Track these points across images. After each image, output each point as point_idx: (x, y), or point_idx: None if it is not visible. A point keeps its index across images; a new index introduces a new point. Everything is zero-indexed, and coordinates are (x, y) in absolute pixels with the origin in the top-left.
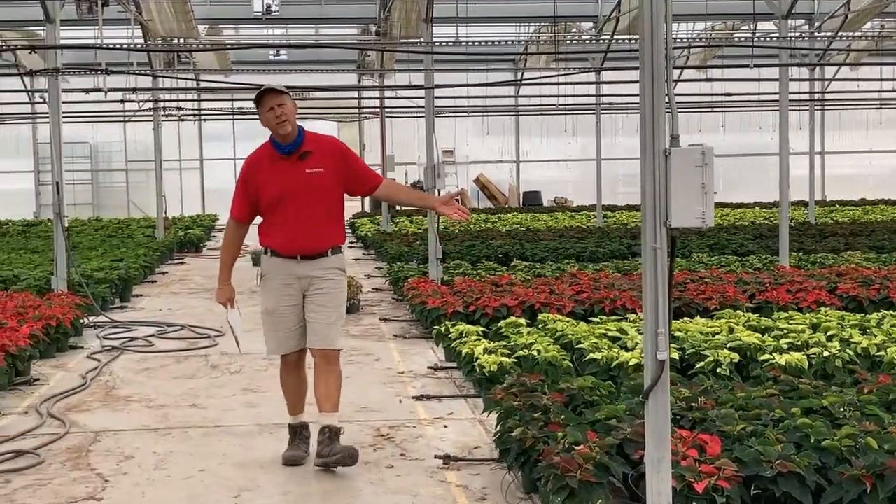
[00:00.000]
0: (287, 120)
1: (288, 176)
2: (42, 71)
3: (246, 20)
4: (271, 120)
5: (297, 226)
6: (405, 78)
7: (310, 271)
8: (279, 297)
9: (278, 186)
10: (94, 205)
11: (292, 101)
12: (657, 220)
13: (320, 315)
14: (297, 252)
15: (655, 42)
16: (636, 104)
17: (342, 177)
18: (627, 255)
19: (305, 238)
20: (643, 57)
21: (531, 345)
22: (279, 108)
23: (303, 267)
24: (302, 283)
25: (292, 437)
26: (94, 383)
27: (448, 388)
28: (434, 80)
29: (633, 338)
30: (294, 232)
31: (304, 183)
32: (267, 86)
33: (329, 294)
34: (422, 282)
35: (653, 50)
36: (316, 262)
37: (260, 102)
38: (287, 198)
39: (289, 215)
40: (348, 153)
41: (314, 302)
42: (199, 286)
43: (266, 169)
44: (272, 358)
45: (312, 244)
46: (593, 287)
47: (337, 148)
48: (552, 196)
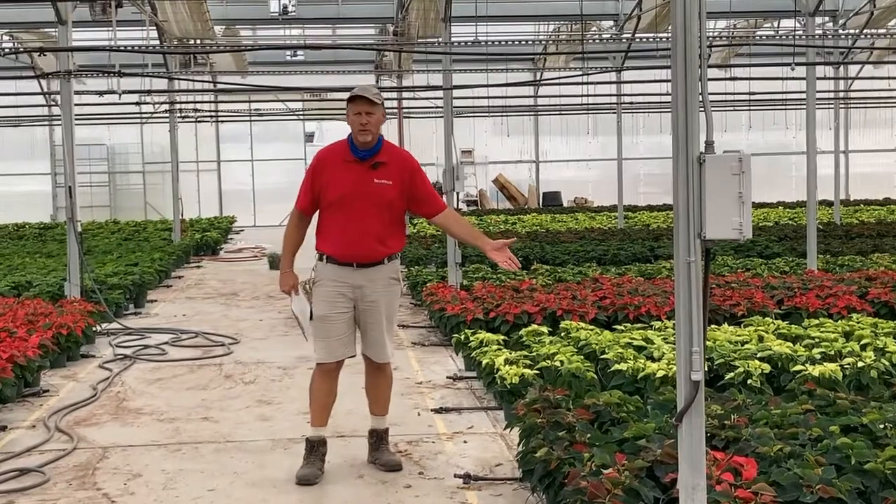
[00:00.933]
0: (370, 130)
1: (355, 181)
2: (54, 73)
3: (262, 21)
4: (355, 124)
5: (355, 233)
6: (423, 78)
7: (365, 280)
8: (332, 303)
9: (343, 189)
10: (111, 207)
11: (383, 111)
12: (691, 232)
13: (375, 328)
14: (353, 260)
15: (689, 40)
16: (657, 103)
17: (407, 194)
18: (650, 257)
19: (363, 246)
20: (675, 56)
21: (554, 355)
22: (366, 117)
23: (359, 275)
24: (356, 292)
25: (308, 452)
26: (105, 394)
27: (468, 399)
28: (452, 80)
29: (660, 347)
30: (352, 239)
31: (369, 192)
32: (362, 89)
33: (383, 306)
34: (441, 287)
35: (686, 48)
36: (372, 270)
37: (351, 102)
38: (349, 202)
39: (349, 221)
40: (418, 173)
41: (368, 312)
42: (215, 291)
43: (336, 167)
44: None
45: (370, 253)
46: (616, 293)
47: (409, 165)
48: (572, 196)
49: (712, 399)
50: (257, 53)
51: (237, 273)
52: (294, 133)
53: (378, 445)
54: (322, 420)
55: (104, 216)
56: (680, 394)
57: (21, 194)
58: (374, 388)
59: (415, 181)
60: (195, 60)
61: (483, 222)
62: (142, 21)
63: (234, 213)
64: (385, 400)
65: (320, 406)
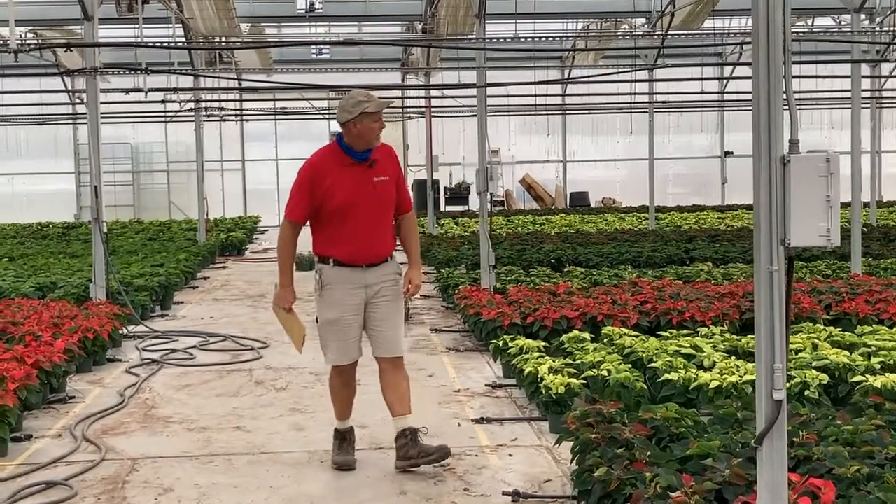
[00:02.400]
0: (377, 137)
1: (358, 183)
2: (80, 70)
3: (289, 18)
4: (374, 131)
5: (364, 234)
6: (450, 76)
7: (374, 279)
8: (344, 306)
9: (348, 193)
10: (134, 206)
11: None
12: (773, 238)
13: (387, 323)
14: (366, 260)
15: (772, 32)
16: (690, 102)
17: (397, 187)
18: (685, 259)
19: (374, 246)
20: (757, 50)
21: (600, 364)
22: (378, 124)
23: (369, 275)
24: (367, 292)
25: (340, 441)
26: (133, 401)
27: (509, 409)
28: (486, 77)
29: (710, 356)
30: (364, 240)
31: (373, 191)
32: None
33: (392, 301)
34: (474, 290)
35: (768, 41)
36: (380, 268)
37: (370, 114)
38: (356, 206)
39: (358, 223)
40: (400, 166)
41: (379, 310)
42: (242, 292)
43: (336, 173)
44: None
45: (378, 252)
46: (658, 297)
47: (394, 157)
48: (600, 196)
49: None
50: (283, 52)
51: (263, 274)
52: (319, 132)
53: (413, 444)
54: (346, 415)
55: (128, 216)
56: (759, 413)
57: (45, 193)
58: (395, 387)
59: (398, 173)
60: (221, 59)
61: (511, 223)
62: (168, 18)
63: (259, 213)
64: (407, 398)
65: (343, 404)
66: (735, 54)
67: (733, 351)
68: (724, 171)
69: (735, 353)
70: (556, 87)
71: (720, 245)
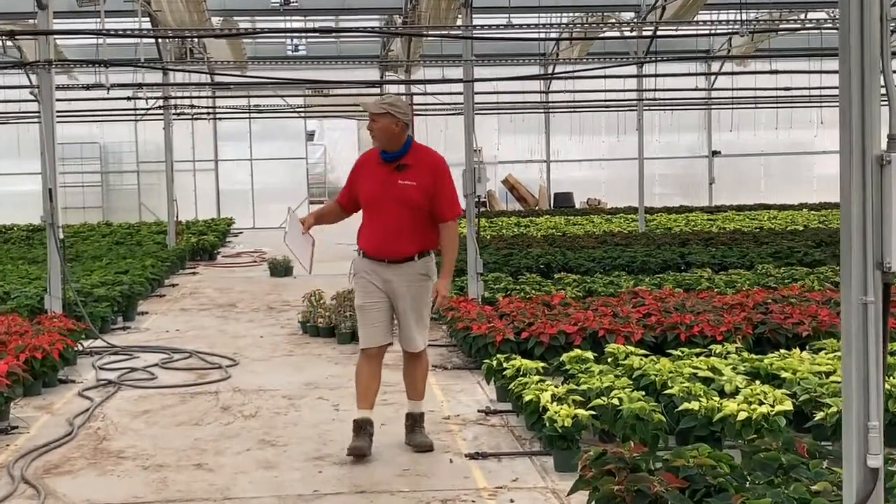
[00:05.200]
0: (377, 137)
1: (382, 182)
2: (33, 63)
3: (262, 11)
4: (369, 129)
5: (384, 231)
6: (431, 73)
7: (393, 275)
8: (367, 294)
9: (371, 189)
10: (103, 208)
11: (392, 118)
12: (868, 260)
13: (406, 320)
14: (383, 256)
15: (866, 16)
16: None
17: (430, 195)
18: (681, 265)
19: (391, 244)
20: (846, 37)
21: (609, 390)
22: (371, 124)
23: (389, 270)
24: (387, 286)
25: (356, 432)
26: (83, 431)
27: (506, 440)
28: (473, 72)
29: (731, 380)
30: (381, 237)
31: (393, 192)
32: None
33: (412, 300)
34: (461, 300)
35: (862, 26)
36: (402, 266)
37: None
38: (377, 203)
39: (378, 220)
40: (443, 177)
41: (400, 307)
42: (212, 301)
43: (368, 168)
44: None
45: (397, 250)
46: (662, 309)
47: (436, 167)
48: (584, 197)
49: (820, 454)
50: (257, 48)
51: (235, 281)
52: (295, 131)
53: (413, 428)
54: (367, 403)
55: (97, 217)
56: (848, 483)
57: (10, 194)
58: (410, 375)
59: (437, 184)
60: (192, 54)
61: (494, 225)
62: (134, 12)
63: (233, 215)
64: (420, 386)
65: (364, 388)
66: (724, 49)
67: (755, 373)
68: (711, 171)
69: (757, 376)
70: (538, 85)
71: (716, 249)
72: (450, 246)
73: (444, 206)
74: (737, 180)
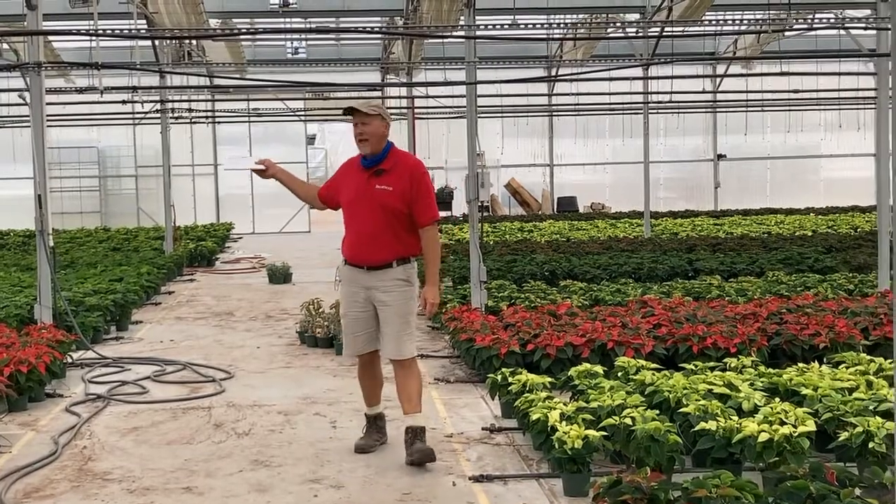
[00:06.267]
0: (366, 139)
1: (359, 188)
2: (21, 65)
3: (261, 13)
4: (354, 135)
5: (363, 237)
6: (433, 76)
7: (374, 282)
8: (350, 302)
9: (350, 195)
10: (101, 213)
11: (382, 120)
12: None
13: (388, 327)
14: (362, 262)
15: None
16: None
17: (407, 200)
18: (690, 272)
19: (368, 250)
20: None
21: (621, 409)
22: (361, 127)
23: (369, 277)
24: (368, 293)
25: (368, 426)
26: (68, 451)
27: (512, 460)
28: (476, 75)
29: (749, 397)
30: (360, 243)
31: (371, 198)
32: (356, 101)
33: (393, 307)
34: (464, 310)
35: None
36: (380, 272)
37: (349, 114)
38: (355, 209)
39: (357, 226)
40: (421, 181)
41: (381, 313)
42: (208, 310)
43: (350, 174)
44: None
45: (375, 256)
46: (672, 319)
47: (413, 171)
48: (588, 201)
49: (850, 482)
50: (256, 51)
51: (233, 288)
52: (295, 135)
53: (413, 441)
54: (373, 402)
55: (95, 222)
56: None
57: (5, 199)
58: (402, 388)
59: (415, 188)
60: (189, 57)
61: (497, 230)
62: (129, 14)
63: (232, 220)
64: (415, 398)
65: (367, 391)
66: (730, 51)
67: (773, 389)
68: (716, 175)
69: (775, 392)
70: (542, 88)
71: (724, 255)
72: (431, 252)
73: (421, 208)
74: (742, 184)
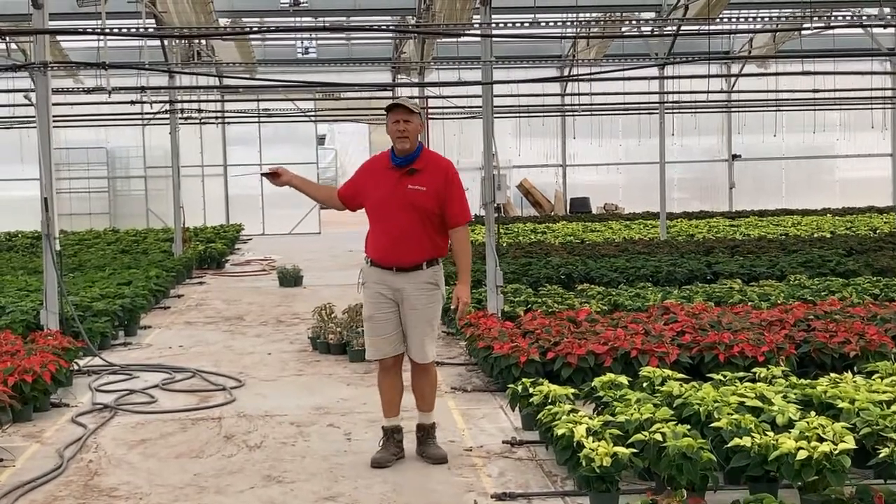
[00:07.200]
0: (408, 137)
1: (391, 187)
2: (27, 65)
3: (272, 12)
4: (394, 132)
5: (393, 238)
6: (445, 76)
7: (403, 284)
8: (376, 304)
9: (379, 194)
10: (110, 214)
11: (421, 120)
12: None
13: (414, 330)
14: (390, 263)
15: None
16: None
17: (440, 201)
18: (708, 275)
19: (398, 251)
20: None
21: (650, 423)
22: (403, 124)
23: (398, 279)
24: (396, 294)
25: (385, 438)
26: (73, 464)
27: (535, 476)
28: (493, 75)
29: (783, 410)
30: (389, 244)
31: (403, 197)
32: (401, 98)
33: (421, 310)
34: (481, 316)
35: None
36: (410, 274)
37: (389, 112)
38: (385, 209)
39: (387, 226)
40: (453, 183)
41: (408, 316)
42: (218, 314)
43: (377, 174)
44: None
45: (405, 257)
46: (696, 326)
47: (446, 172)
48: (601, 202)
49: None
50: (266, 51)
51: (243, 291)
52: (305, 135)
53: (425, 440)
54: (392, 412)
55: (104, 224)
56: None
57: (15, 200)
58: (418, 387)
59: (447, 189)
60: (199, 57)
61: (510, 232)
62: (138, 14)
63: (242, 221)
64: (429, 398)
65: (387, 400)
66: (744, 50)
67: (807, 401)
68: (731, 176)
69: (809, 404)
70: (556, 88)
71: (744, 258)
72: (462, 251)
73: (455, 211)
74: (757, 184)
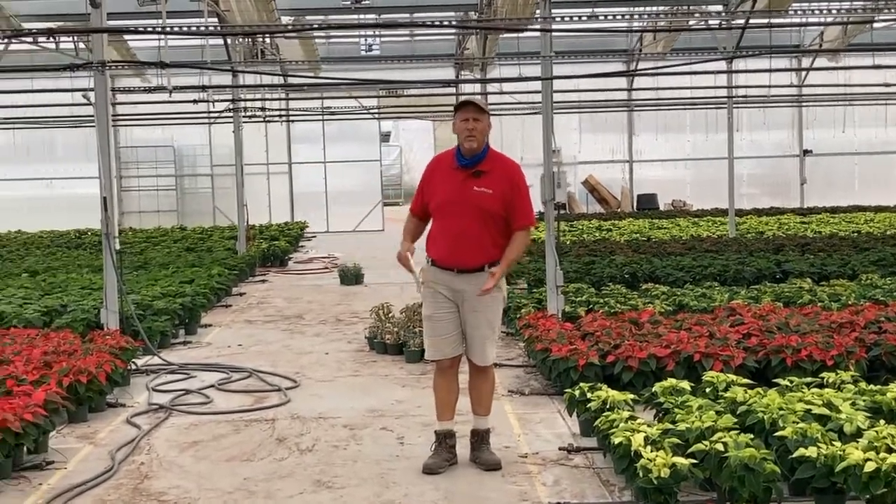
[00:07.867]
0: (476, 137)
1: (456, 188)
2: (85, 64)
3: (334, 9)
4: (462, 131)
5: (456, 239)
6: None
7: (465, 285)
8: (436, 304)
9: (445, 195)
10: (178, 212)
11: (489, 119)
12: None
13: (476, 332)
14: (454, 265)
15: None
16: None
17: (506, 203)
18: (777, 273)
19: (463, 253)
20: None
21: (711, 432)
22: (473, 123)
23: (459, 280)
24: (457, 296)
25: (437, 443)
26: (124, 467)
27: (591, 485)
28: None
29: (851, 419)
30: (453, 245)
31: (469, 199)
32: (471, 96)
33: (482, 312)
34: (539, 317)
35: None
36: (472, 276)
37: (459, 109)
38: (450, 209)
39: (450, 227)
40: (519, 185)
41: (469, 318)
42: (279, 312)
43: (442, 174)
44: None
45: (469, 259)
46: (763, 328)
47: (513, 175)
48: (668, 198)
49: None
50: (330, 48)
51: (305, 290)
52: (368, 132)
53: (479, 445)
54: (446, 415)
55: (171, 221)
56: None
57: (84, 197)
58: (475, 389)
59: (514, 192)
60: (263, 56)
61: (574, 229)
62: (200, 12)
63: (306, 217)
64: (486, 402)
65: (442, 402)
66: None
67: (877, 409)
68: (802, 171)
69: (878, 413)
70: (621, 82)
71: (814, 256)
72: (515, 250)
73: (519, 214)
74: (829, 180)
